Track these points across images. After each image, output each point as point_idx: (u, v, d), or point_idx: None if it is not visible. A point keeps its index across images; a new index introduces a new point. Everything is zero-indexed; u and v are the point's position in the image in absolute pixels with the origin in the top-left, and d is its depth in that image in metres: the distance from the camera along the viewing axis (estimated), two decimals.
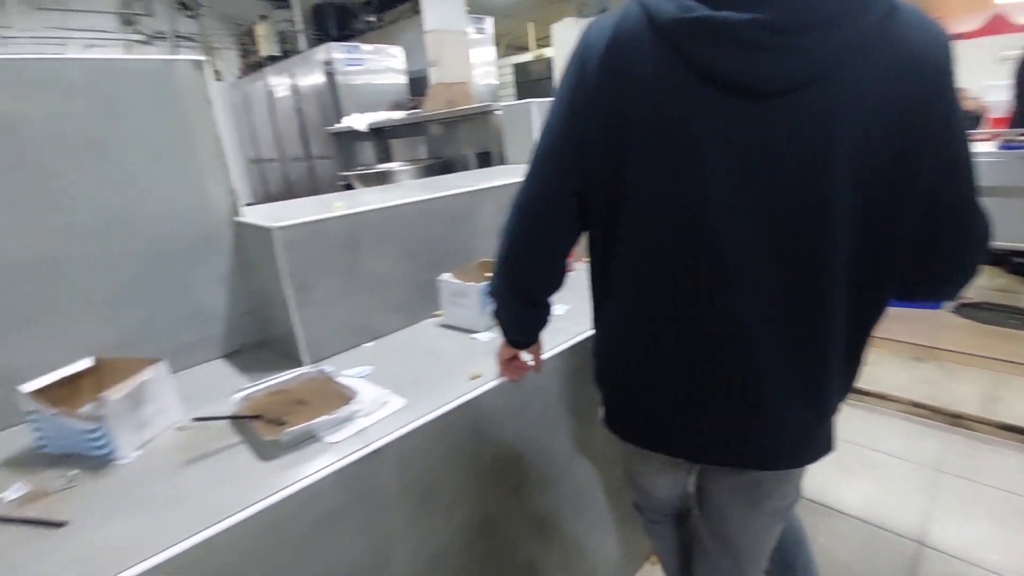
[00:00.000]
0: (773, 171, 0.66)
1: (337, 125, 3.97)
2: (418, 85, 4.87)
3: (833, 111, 0.63)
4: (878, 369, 2.69)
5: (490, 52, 5.38)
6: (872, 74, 0.62)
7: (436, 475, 1.01)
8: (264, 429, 0.93)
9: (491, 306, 0.98)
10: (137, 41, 7.11)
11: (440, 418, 1.00)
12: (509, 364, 1.04)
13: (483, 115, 2.76)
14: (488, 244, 1.60)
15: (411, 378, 1.14)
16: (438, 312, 1.48)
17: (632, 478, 1.11)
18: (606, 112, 0.73)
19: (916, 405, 2.39)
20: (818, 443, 0.81)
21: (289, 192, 5.41)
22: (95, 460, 0.93)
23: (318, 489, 0.84)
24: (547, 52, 7.46)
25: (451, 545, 1.06)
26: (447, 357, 1.24)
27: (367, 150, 4.16)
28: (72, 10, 6.55)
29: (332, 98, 4.58)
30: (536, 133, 0.81)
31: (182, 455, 0.93)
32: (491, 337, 1.33)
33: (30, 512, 0.81)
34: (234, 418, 0.98)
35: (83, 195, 1.10)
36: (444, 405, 1.02)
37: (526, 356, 1.05)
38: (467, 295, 1.36)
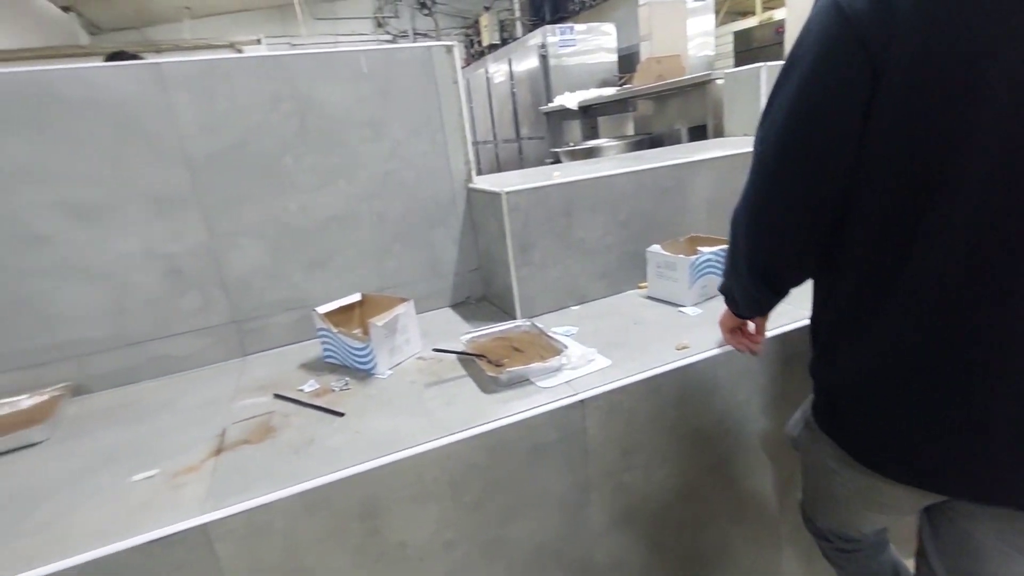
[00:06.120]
0: None
1: (550, 104, 4.15)
2: (627, 62, 4.79)
3: None
4: None
5: (708, 21, 5.02)
6: None
7: (637, 434, 1.04)
8: (487, 366, 1.06)
9: (723, 279, 0.94)
10: (386, 41, 8.50)
11: (645, 381, 1.02)
12: (734, 333, 1.03)
13: (699, 86, 2.61)
14: (698, 219, 1.54)
15: (615, 341, 1.18)
16: (643, 284, 1.48)
17: (839, 511, 0.93)
18: (941, 72, 0.59)
19: None
20: None
21: (499, 171, 5.84)
22: (362, 372, 1.17)
23: (532, 423, 0.93)
24: (777, 14, 6.65)
25: (644, 506, 1.09)
26: (652, 326, 1.25)
27: (575, 128, 4.27)
28: (340, 18, 8.67)
29: (544, 80, 4.78)
30: (764, 101, 0.70)
31: (423, 378, 1.12)
32: (699, 312, 1.30)
33: (321, 402, 1.06)
34: (464, 354, 1.14)
35: (364, 164, 1.36)
36: (650, 369, 1.03)
37: (751, 326, 1.02)
38: (676, 268, 1.34)
